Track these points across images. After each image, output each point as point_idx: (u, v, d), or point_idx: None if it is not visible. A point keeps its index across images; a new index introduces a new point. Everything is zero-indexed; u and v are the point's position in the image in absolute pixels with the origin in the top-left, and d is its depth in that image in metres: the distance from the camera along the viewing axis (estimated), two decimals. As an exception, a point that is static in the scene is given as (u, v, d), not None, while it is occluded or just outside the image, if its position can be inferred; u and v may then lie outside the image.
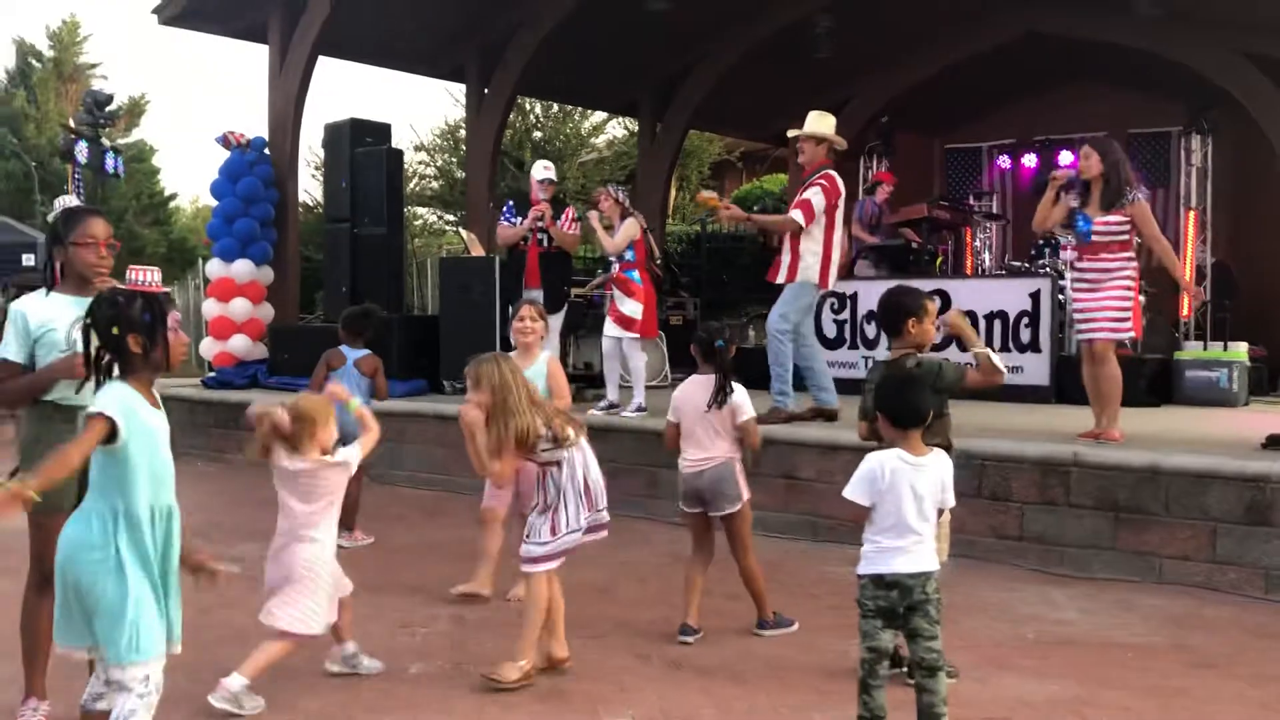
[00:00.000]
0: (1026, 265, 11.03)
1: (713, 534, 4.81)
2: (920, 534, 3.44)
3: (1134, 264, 6.58)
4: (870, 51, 13.18)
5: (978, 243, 12.60)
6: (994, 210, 13.77)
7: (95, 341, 3.03)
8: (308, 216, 19.21)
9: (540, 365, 5.25)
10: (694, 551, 4.83)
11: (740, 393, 4.72)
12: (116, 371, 3.04)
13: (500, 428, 4.01)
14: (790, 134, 7.59)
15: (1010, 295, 9.72)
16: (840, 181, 7.39)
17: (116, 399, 2.96)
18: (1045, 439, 6.55)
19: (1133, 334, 6.74)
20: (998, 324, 9.67)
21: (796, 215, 7.28)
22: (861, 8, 11.76)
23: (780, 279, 7.40)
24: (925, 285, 8.23)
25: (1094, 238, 6.56)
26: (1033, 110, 14.19)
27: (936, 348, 4.54)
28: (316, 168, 20.72)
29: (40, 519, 3.53)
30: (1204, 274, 12.00)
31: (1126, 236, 6.53)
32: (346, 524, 6.42)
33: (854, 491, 3.47)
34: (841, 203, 7.40)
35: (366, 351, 6.76)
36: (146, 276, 3.14)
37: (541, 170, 8.88)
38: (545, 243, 8.72)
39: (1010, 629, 4.91)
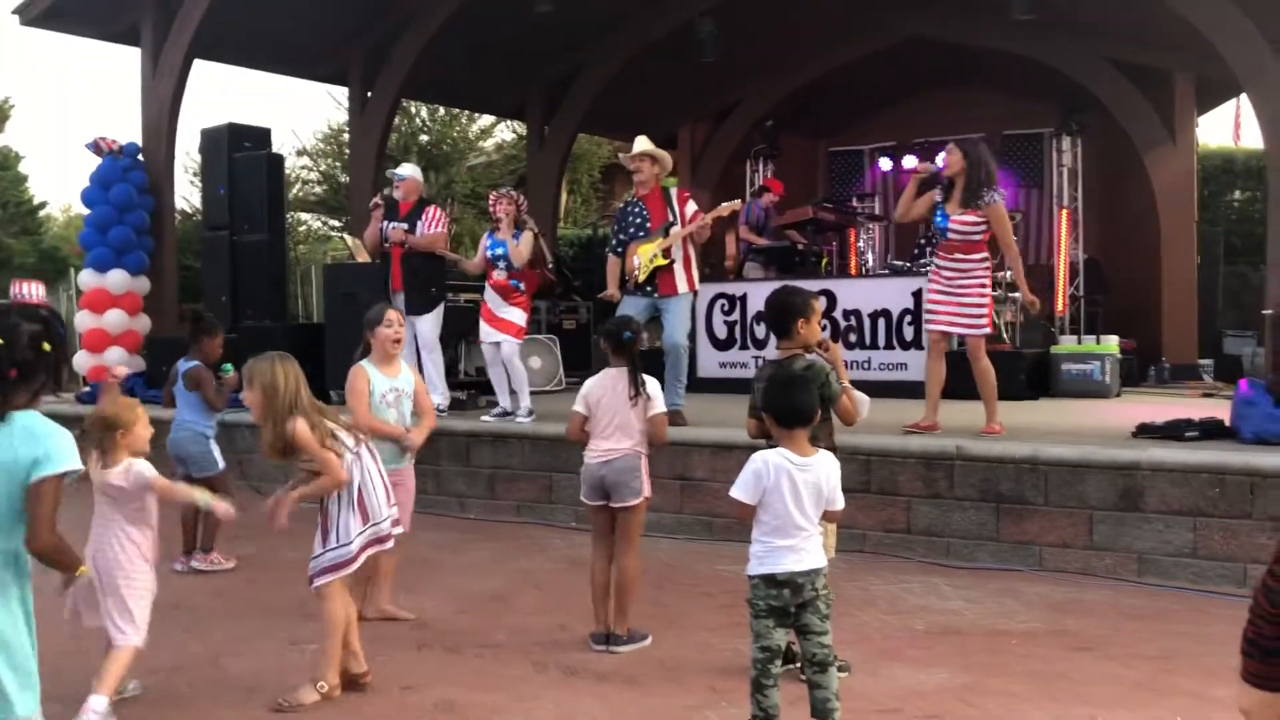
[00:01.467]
0: (909, 265, 11.30)
1: (613, 534, 4.77)
2: (808, 531, 3.48)
3: (988, 263, 6.86)
4: (756, 55, 13.36)
5: (861, 243, 12.85)
6: (876, 211, 14.08)
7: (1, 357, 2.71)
8: (185, 224, 18.65)
9: (407, 376, 5.06)
10: (596, 553, 4.75)
11: (654, 386, 4.70)
12: None
13: (272, 428, 3.94)
14: (631, 154, 7.61)
15: (893, 294, 9.95)
16: None
17: (68, 439, 2.72)
18: (929, 434, 6.72)
19: (988, 330, 6.99)
20: (882, 322, 9.90)
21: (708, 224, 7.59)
22: (746, 12, 11.92)
23: (682, 288, 7.58)
24: (812, 286, 8.37)
25: (950, 235, 6.82)
26: (912, 113, 14.56)
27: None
28: (194, 174, 20.16)
29: None
30: (1077, 270, 12.46)
31: (980, 236, 6.79)
32: (204, 545, 6.18)
33: (739, 491, 3.50)
34: None
35: (194, 363, 6.34)
36: (30, 290, 2.95)
37: (394, 170, 8.95)
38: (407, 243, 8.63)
39: (900, 621, 5.01)
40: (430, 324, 8.57)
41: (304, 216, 23.54)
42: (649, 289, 7.53)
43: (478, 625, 5.01)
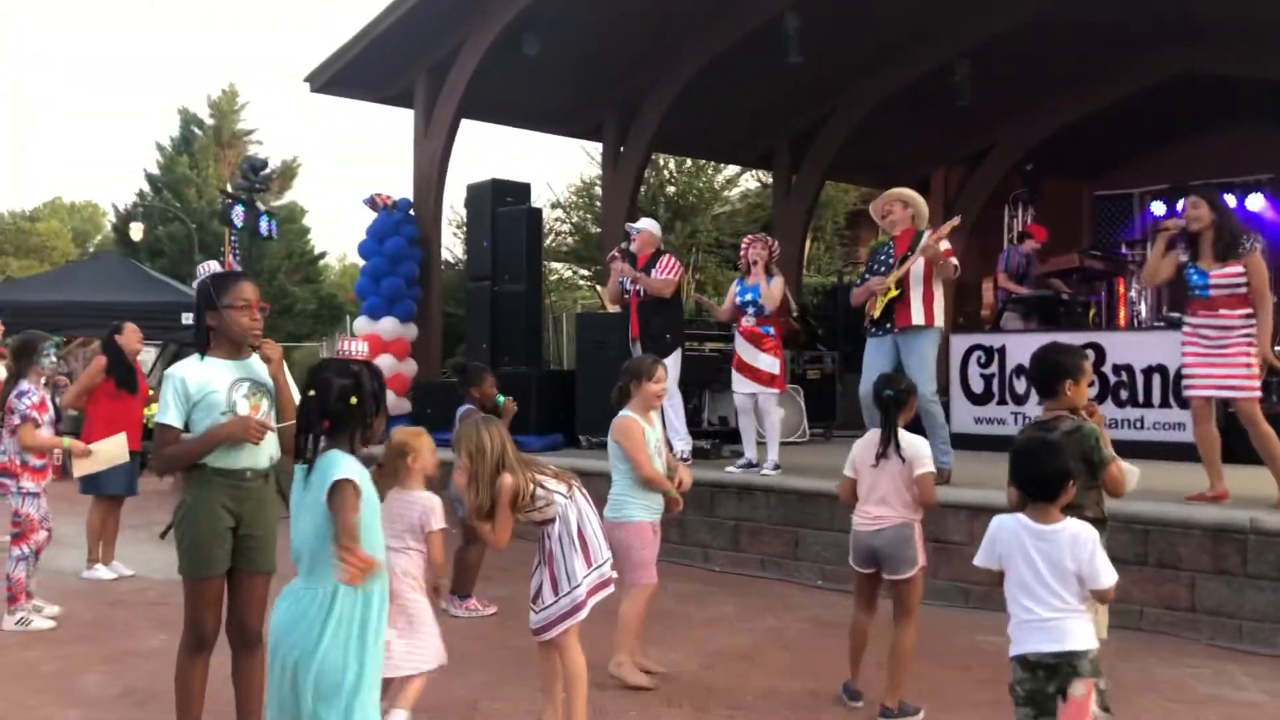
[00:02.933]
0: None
1: (878, 597, 4.60)
2: (1056, 606, 3.20)
3: (1254, 319, 6.23)
4: (1011, 97, 12.86)
5: (1132, 293, 12.03)
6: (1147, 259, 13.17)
7: (314, 408, 2.96)
8: (448, 273, 19.75)
9: (659, 429, 5.13)
10: (858, 612, 4.62)
11: (916, 445, 4.50)
12: (322, 441, 2.96)
13: (482, 490, 3.97)
14: (879, 199, 7.42)
15: (1169, 348, 9.16)
16: None
17: (357, 467, 2.93)
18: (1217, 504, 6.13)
19: (1259, 392, 6.33)
20: (1157, 378, 9.18)
21: (955, 260, 7.19)
22: (1002, 52, 11.48)
23: (918, 319, 7.10)
24: (1077, 338, 7.94)
25: (1212, 292, 6.25)
26: (1187, 154, 13.57)
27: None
28: (457, 226, 21.33)
29: (194, 583, 3.62)
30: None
31: (1245, 289, 6.21)
32: (462, 589, 6.33)
33: (979, 556, 3.40)
34: None
35: (466, 407, 6.45)
36: (355, 347, 3.32)
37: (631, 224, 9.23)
38: (643, 291, 8.75)
39: (1189, 711, 4.56)
40: (673, 370, 8.62)
41: (555, 266, 24.44)
42: (887, 325, 7.23)
43: (726, 684, 4.92)
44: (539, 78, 11.89)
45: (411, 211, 11.88)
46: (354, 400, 2.94)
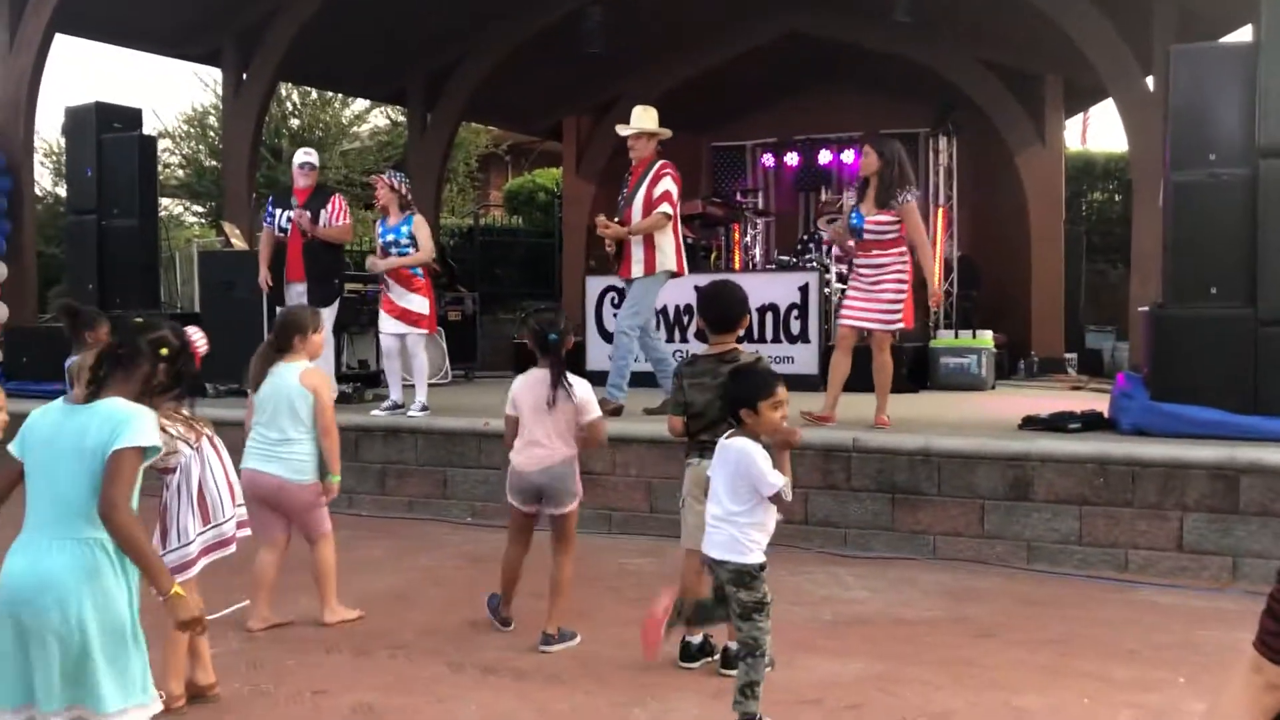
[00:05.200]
0: (794, 260, 11.48)
1: (532, 531, 4.73)
2: (719, 515, 3.59)
3: (906, 259, 6.97)
4: (640, 48, 13.35)
5: (747, 238, 13.00)
6: (760, 206, 14.27)
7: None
8: (36, 207, 17.69)
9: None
10: (512, 547, 4.72)
11: (584, 389, 4.60)
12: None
13: None
14: (622, 131, 7.61)
15: (780, 289, 10.10)
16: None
17: (151, 424, 2.71)
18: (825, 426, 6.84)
19: (903, 325, 7.13)
20: (769, 316, 10.03)
21: (667, 209, 7.40)
22: (630, 6, 11.89)
23: (637, 273, 7.46)
24: (702, 280, 8.47)
25: (865, 235, 6.93)
26: (793, 110, 14.79)
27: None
28: (45, 155, 19.15)
29: None
30: (951, 267, 12.86)
31: (896, 234, 6.90)
32: None
33: (776, 476, 3.54)
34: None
35: (73, 358, 5.63)
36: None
37: (301, 155, 8.59)
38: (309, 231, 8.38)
39: (808, 611, 5.09)
40: (329, 316, 8.31)
41: (165, 201, 22.54)
42: (616, 269, 7.66)
43: (385, 625, 4.89)
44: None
45: (-4, 135, 10.53)
46: (164, 351, 2.94)
